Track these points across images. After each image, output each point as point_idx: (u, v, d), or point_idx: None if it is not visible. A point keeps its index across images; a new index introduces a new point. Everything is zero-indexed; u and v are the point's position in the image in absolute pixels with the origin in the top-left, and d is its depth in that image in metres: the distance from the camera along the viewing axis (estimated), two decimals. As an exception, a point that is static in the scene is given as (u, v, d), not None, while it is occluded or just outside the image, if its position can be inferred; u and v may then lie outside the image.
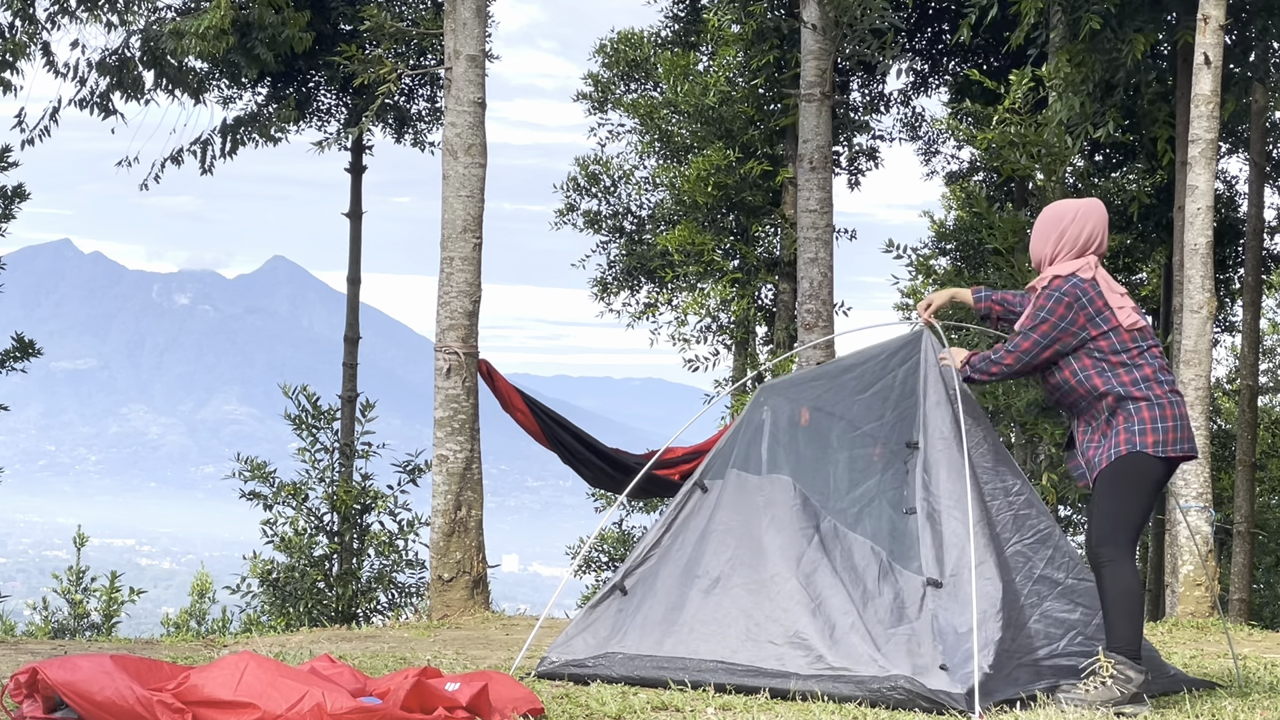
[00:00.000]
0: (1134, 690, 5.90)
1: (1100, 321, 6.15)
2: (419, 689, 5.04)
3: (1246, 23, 14.67)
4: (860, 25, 13.37)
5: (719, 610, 6.51)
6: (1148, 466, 6.09)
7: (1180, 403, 6.18)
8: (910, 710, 5.85)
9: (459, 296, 10.93)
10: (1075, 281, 6.19)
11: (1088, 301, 6.16)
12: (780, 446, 6.93)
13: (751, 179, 18.90)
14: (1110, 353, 6.15)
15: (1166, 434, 6.09)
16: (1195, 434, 11.25)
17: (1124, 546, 6.07)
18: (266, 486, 16.22)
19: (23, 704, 4.89)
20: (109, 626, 19.39)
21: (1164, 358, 6.28)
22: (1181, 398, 6.23)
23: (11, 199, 22.25)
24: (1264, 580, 24.50)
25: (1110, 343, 6.16)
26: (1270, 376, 29.15)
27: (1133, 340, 6.17)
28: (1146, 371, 6.15)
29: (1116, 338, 6.16)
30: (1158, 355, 6.22)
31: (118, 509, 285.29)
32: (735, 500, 6.85)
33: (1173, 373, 6.32)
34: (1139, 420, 6.10)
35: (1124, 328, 6.17)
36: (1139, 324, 6.21)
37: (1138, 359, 6.16)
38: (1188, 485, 11.37)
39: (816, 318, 13.41)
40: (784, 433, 6.95)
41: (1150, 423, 6.10)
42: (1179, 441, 6.11)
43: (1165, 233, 18.08)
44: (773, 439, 6.96)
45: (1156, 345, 6.25)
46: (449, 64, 11.07)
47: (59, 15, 17.33)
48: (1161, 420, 6.10)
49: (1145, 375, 6.15)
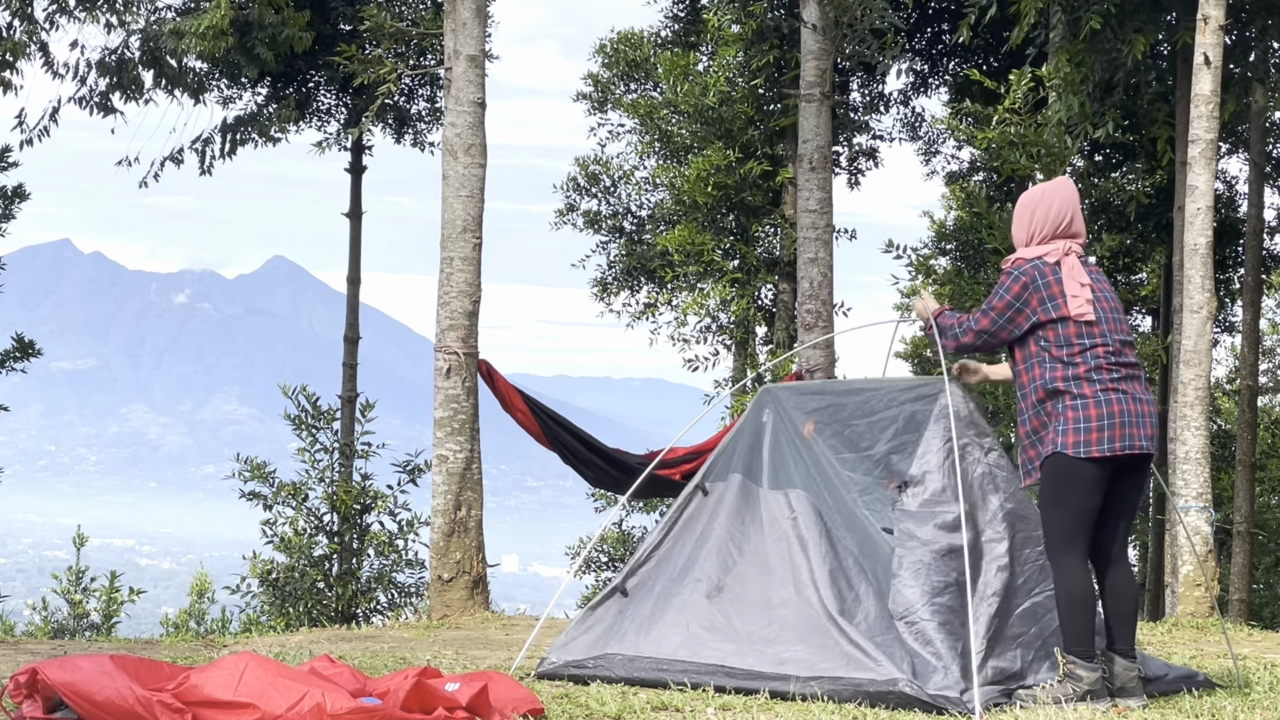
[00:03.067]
0: (1084, 689, 5.92)
1: (1051, 307, 6.09)
2: (419, 689, 5.04)
3: (1246, 23, 14.67)
4: (860, 25, 13.36)
5: (719, 614, 6.51)
6: (1071, 468, 6.02)
7: (1118, 399, 6.04)
8: (910, 710, 5.85)
9: (459, 296, 10.93)
10: (1036, 264, 6.17)
11: (1043, 285, 6.11)
12: (784, 455, 6.93)
13: (751, 179, 18.90)
14: (1054, 344, 6.10)
15: (1089, 434, 5.99)
16: (1195, 434, 11.33)
17: (1063, 549, 6.06)
18: (266, 486, 16.22)
19: (23, 704, 4.89)
20: (109, 627, 19.38)
21: (1116, 354, 6.13)
22: (1126, 394, 6.08)
23: (11, 199, 22.25)
24: (1264, 580, 24.50)
25: (1056, 333, 6.10)
26: (1270, 376, 29.16)
27: (1078, 334, 6.08)
28: (1080, 370, 6.06)
29: (1063, 329, 6.08)
30: (1100, 354, 6.08)
31: (118, 509, 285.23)
32: (738, 506, 6.85)
33: (1125, 369, 6.14)
34: (1063, 420, 6.05)
35: (1071, 317, 6.08)
36: (1086, 315, 6.09)
37: (1076, 356, 6.07)
38: (1188, 485, 11.37)
39: (816, 318, 13.41)
40: (788, 442, 6.96)
41: (1073, 423, 6.02)
42: (1109, 440, 5.99)
43: (1165, 233, 18.07)
44: (775, 446, 6.97)
45: (1103, 344, 6.11)
46: (449, 64, 11.07)
47: (58, 15, 17.33)
48: (1084, 420, 6.01)
49: (1077, 374, 6.05)
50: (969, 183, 20.36)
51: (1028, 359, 6.19)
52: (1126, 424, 6.03)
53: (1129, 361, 6.20)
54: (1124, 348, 6.21)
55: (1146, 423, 6.11)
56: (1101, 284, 6.27)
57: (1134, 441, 6.05)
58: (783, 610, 6.38)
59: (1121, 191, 18.97)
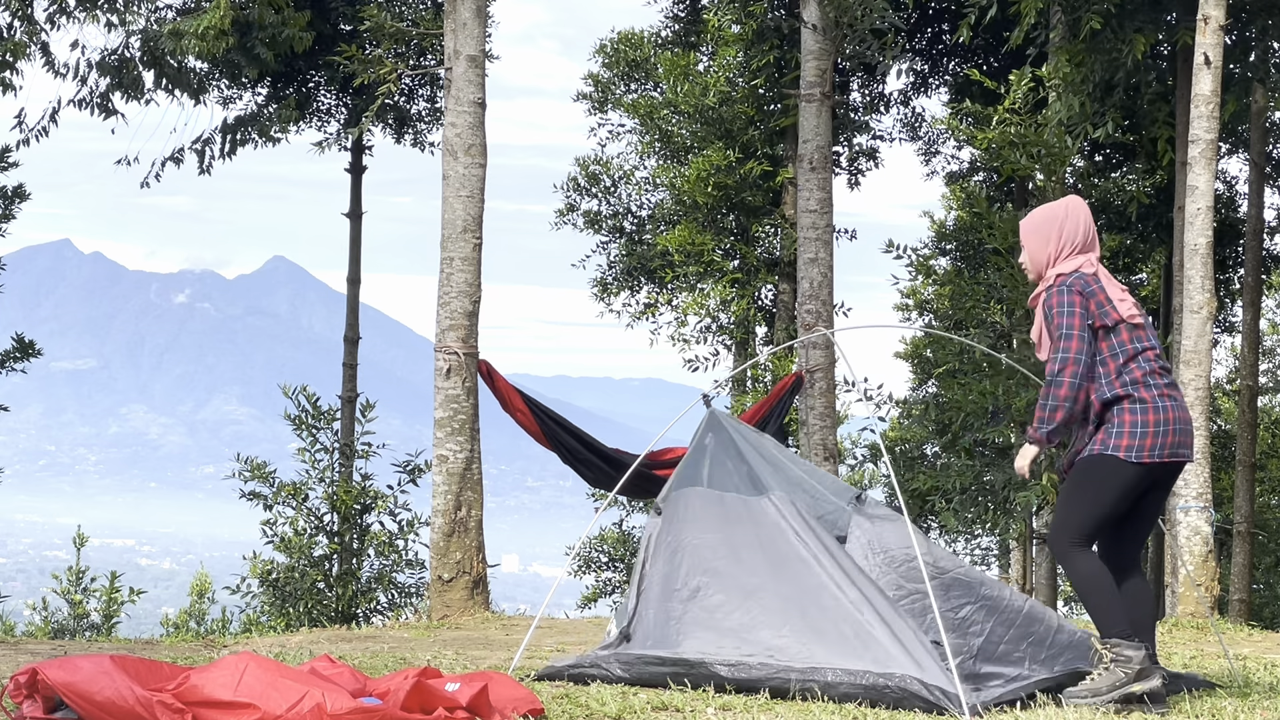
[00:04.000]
0: (1136, 667, 5.87)
1: (1103, 314, 6.04)
2: (419, 689, 5.04)
3: (1246, 23, 14.67)
4: (860, 25, 13.36)
5: (713, 616, 6.52)
6: (1118, 469, 5.97)
7: (1172, 406, 6.02)
8: (910, 710, 5.85)
9: (459, 297, 10.93)
10: (1079, 275, 6.12)
11: (1092, 292, 6.07)
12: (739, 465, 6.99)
13: (751, 179, 18.90)
14: (1109, 354, 6.05)
15: (1144, 439, 5.95)
16: (1196, 434, 11.31)
17: (1078, 543, 6.02)
18: (266, 486, 16.23)
19: (23, 704, 4.89)
20: (109, 627, 19.38)
21: (1162, 359, 6.18)
22: (1176, 401, 6.06)
23: (11, 199, 22.26)
24: (1264, 580, 24.50)
25: (1109, 342, 6.05)
26: (1270, 376, 29.15)
27: (1131, 339, 6.05)
28: (1136, 375, 6.02)
29: (1115, 336, 6.04)
30: (1152, 358, 6.07)
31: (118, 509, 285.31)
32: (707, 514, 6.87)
33: (1170, 375, 6.15)
34: (1119, 424, 5.99)
35: (1125, 321, 6.05)
36: (1137, 318, 6.09)
37: (1129, 363, 6.03)
38: (1188, 485, 11.37)
39: (816, 318, 13.41)
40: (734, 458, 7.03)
41: (1129, 426, 5.98)
42: (1160, 448, 5.96)
43: (1165, 233, 18.08)
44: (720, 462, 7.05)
45: (1153, 347, 6.12)
46: (449, 64, 11.07)
47: (58, 15, 17.33)
48: (1142, 425, 5.97)
49: (1135, 378, 6.01)
50: (969, 183, 20.38)
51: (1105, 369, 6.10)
52: (1179, 430, 6.03)
53: (1169, 368, 6.23)
54: (1164, 356, 6.28)
55: (1190, 430, 6.12)
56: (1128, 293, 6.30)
57: (1181, 449, 6.05)
58: (777, 608, 6.39)
59: (1121, 191, 18.98)
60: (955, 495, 16.70)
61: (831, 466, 13.37)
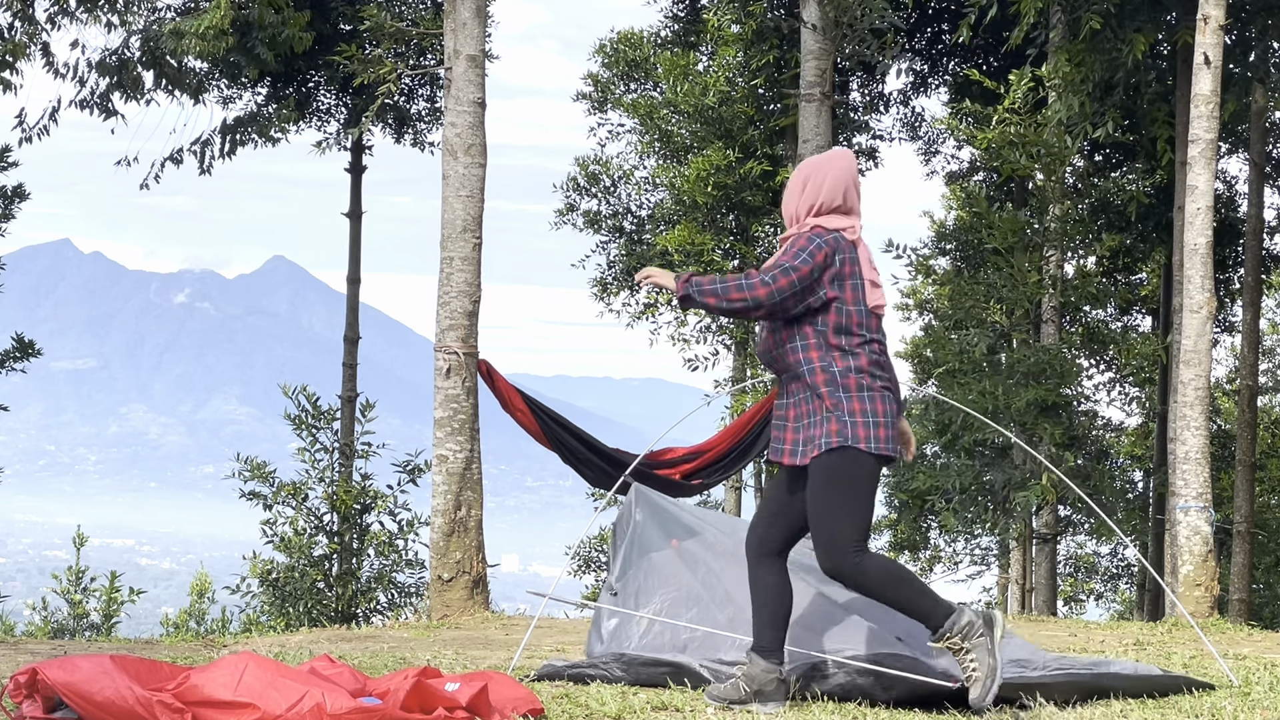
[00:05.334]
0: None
1: (842, 288, 5.65)
2: (419, 689, 5.04)
3: (1246, 23, 14.67)
4: (860, 25, 13.37)
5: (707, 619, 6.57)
6: (862, 464, 5.60)
7: (891, 399, 5.71)
8: (910, 710, 5.85)
9: (459, 296, 10.93)
10: (838, 236, 5.67)
11: (842, 261, 5.64)
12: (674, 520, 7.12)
13: (751, 179, 18.91)
14: (835, 331, 5.64)
15: (877, 429, 5.60)
16: (1195, 434, 11.32)
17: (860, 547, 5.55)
18: (266, 486, 16.24)
19: (22, 704, 4.89)
20: (109, 627, 19.39)
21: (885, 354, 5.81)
22: (893, 394, 5.74)
23: (11, 199, 22.27)
24: (1264, 580, 24.50)
25: (839, 319, 5.64)
26: (1270, 376, 29.15)
27: (861, 325, 5.66)
28: (863, 361, 5.65)
29: (847, 317, 5.64)
30: (878, 350, 5.72)
31: (118, 509, 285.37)
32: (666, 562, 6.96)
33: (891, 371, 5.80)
34: (848, 412, 5.61)
35: (868, 307, 5.67)
36: (881, 306, 5.72)
37: (858, 347, 5.66)
38: (1187, 485, 11.37)
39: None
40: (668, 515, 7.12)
41: (860, 415, 5.60)
42: (889, 440, 5.62)
43: (1165, 233, 18.08)
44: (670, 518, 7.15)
45: (881, 340, 5.76)
46: (449, 64, 11.07)
47: (59, 15, 17.33)
48: (873, 415, 5.62)
49: (860, 365, 5.65)
50: (969, 183, 20.37)
51: (801, 339, 5.68)
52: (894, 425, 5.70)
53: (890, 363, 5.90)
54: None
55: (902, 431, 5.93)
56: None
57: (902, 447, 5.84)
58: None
59: (1121, 191, 18.98)
60: (955, 495, 16.70)
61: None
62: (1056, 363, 15.96)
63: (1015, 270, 16.07)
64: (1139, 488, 24.44)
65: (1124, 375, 22.16)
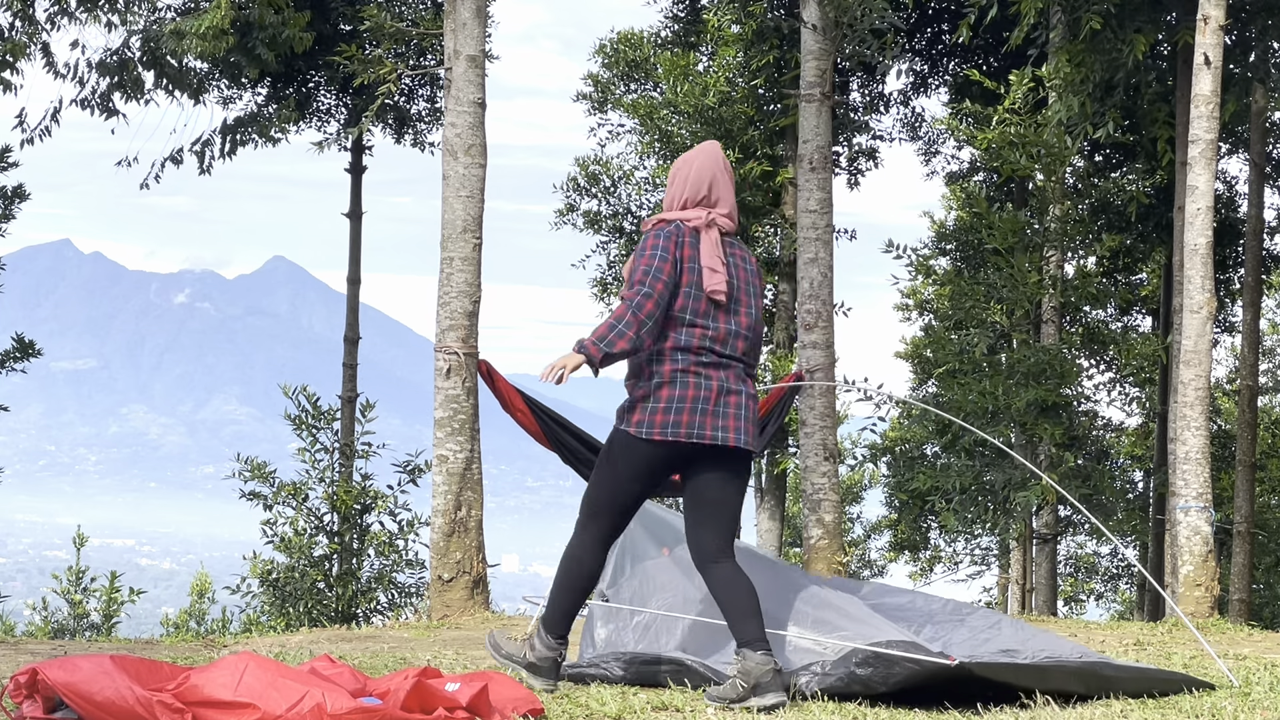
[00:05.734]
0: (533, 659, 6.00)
1: (684, 270, 5.74)
2: (419, 689, 5.04)
3: (1246, 23, 14.67)
4: (860, 25, 13.36)
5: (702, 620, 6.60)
6: (630, 445, 5.77)
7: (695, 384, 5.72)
8: (910, 710, 5.85)
9: (459, 297, 10.93)
10: (679, 225, 5.80)
11: (680, 245, 5.76)
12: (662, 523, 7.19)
13: (751, 179, 18.91)
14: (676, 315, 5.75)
15: (654, 414, 5.69)
16: (1195, 434, 11.31)
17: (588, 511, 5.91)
18: (266, 486, 16.24)
19: (23, 704, 4.89)
20: (109, 627, 19.39)
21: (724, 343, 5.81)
22: (708, 380, 5.74)
23: (11, 199, 22.27)
24: (1264, 580, 24.50)
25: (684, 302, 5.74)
26: (1270, 376, 29.16)
27: (691, 309, 5.72)
28: (668, 344, 5.73)
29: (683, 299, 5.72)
30: (698, 335, 5.74)
31: (118, 509, 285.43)
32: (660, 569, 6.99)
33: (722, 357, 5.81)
34: (633, 396, 5.78)
35: (706, 291, 5.73)
36: (719, 292, 5.75)
37: (679, 329, 5.74)
38: (1187, 485, 11.37)
39: (816, 318, 13.41)
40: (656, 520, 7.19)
41: (641, 400, 5.74)
42: (669, 426, 5.67)
43: (1165, 233, 18.08)
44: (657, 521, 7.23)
45: (710, 327, 5.76)
46: (449, 64, 11.07)
47: (59, 15, 17.34)
48: (655, 400, 5.71)
49: (666, 348, 5.74)
50: (969, 183, 20.38)
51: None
52: (699, 411, 5.71)
53: (731, 355, 5.86)
54: (735, 340, 5.87)
55: (730, 415, 5.79)
56: (743, 270, 5.96)
57: (704, 430, 5.74)
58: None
59: (1121, 191, 18.98)
60: (955, 495, 16.70)
61: (831, 466, 13.37)
62: (1056, 363, 15.96)
63: (1015, 270, 16.07)
64: (1139, 488, 24.44)
65: (1124, 375, 22.17)
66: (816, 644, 6.14)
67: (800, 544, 17.85)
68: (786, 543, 25.54)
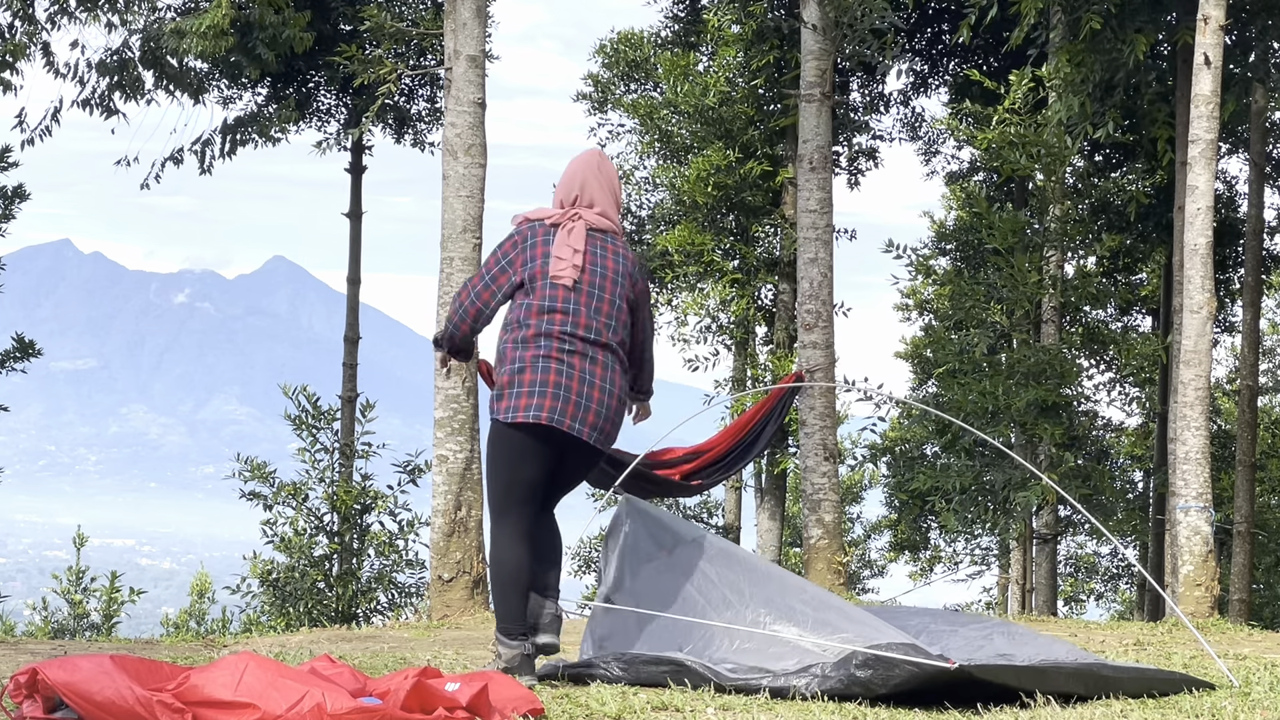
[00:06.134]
0: (505, 665, 6.04)
1: (529, 263, 5.93)
2: (419, 689, 5.04)
3: (1246, 23, 14.67)
4: (860, 25, 13.36)
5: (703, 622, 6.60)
6: (500, 433, 5.92)
7: (559, 370, 5.85)
8: (910, 709, 5.85)
9: (459, 296, 10.94)
10: (534, 225, 6.03)
11: (531, 244, 5.96)
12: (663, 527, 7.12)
13: (751, 179, 18.91)
14: (521, 307, 5.93)
15: (517, 399, 5.83)
16: (1195, 434, 11.31)
17: (495, 511, 6.03)
18: (266, 486, 16.24)
19: (23, 704, 4.89)
20: (109, 627, 19.38)
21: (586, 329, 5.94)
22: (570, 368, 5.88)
23: (11, 199, 22.27)
24: (1264, 580, 24.50)
25: (527, 296, 5.92)
26: (1270, 376, 29.16)
27: (543, 295, 5.88)
28: (529, 333, 5.88)
29: (534, 293, 5.91)
30: (558, 321, 5.88)
31: (118, 509, 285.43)
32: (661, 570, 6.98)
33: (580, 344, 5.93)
34: (499, 384, 5.91)
35: (551, 278, 5.88)
36: (562, 278, 5.89)
37: (533, 317, 5.89)
38: (1187, 485, 11.37)
39: (816, 318, 13.41)
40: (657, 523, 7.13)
41: (506, 386, 5.88)
42: (531, 409, 5.80)
43: (1165, 233, 18.08)
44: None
45: (570, 312, 5.90)
46: (449, 64, 11.07)
47: (59, 15, 17.34)
48: (517, 385, 5.85)
49: (526, 336, 5.88)
50: (969, 183, 20.38)
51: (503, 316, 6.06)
52: (560, 398, 5.85)
53: (596, 340, 5.96)
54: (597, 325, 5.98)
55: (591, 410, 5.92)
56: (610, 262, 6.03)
57: (563, 419, 5.86)
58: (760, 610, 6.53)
59: (1121, 191, 18.98)
60: (955, 495, 16.71)
61: (831, 466, 13.37)
62: (1056, 363, 15.96)
63: (1015, 270, 16.07)
64: (1139, 488, 24.45)
65: (1124, 375, 22.16)
66: (817, 646, 6.14)
67: (800, 544, 17.85)
68: (786, 543, 25.53)
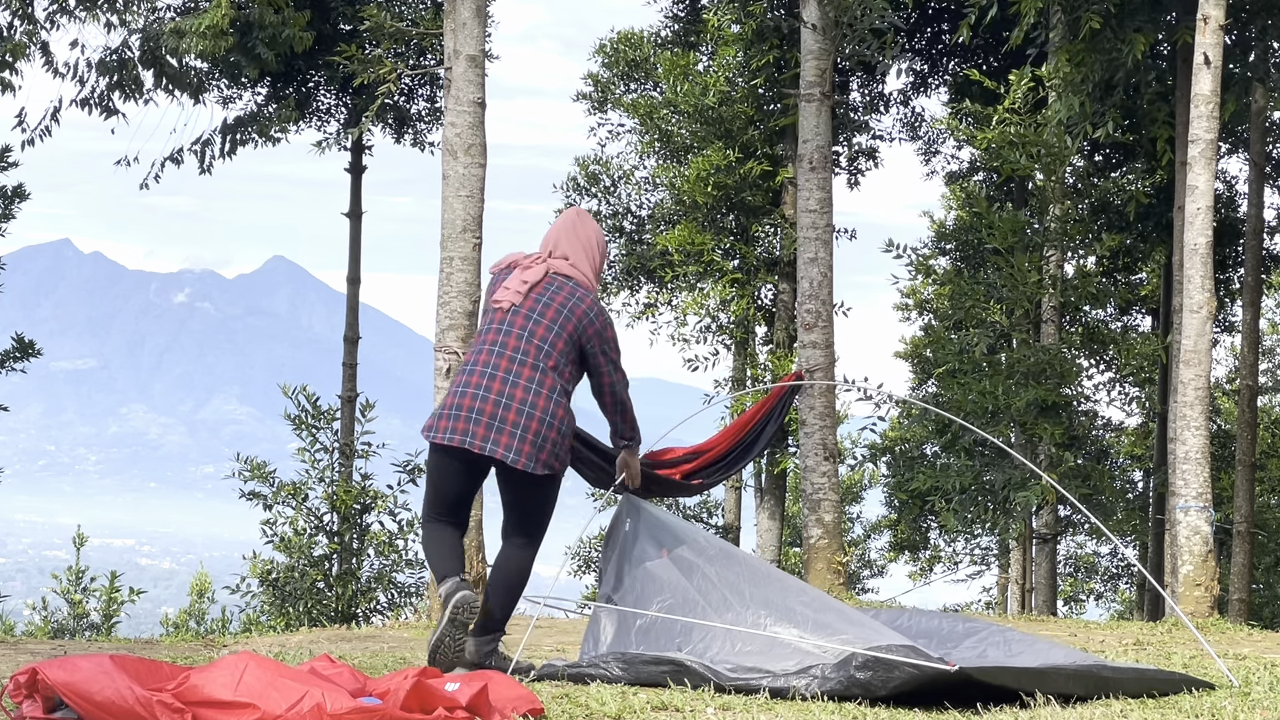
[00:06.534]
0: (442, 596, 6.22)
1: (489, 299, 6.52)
2: (419, 689, 5.04)
3: (1246, 23, 14.67)
4: (860, 25, 13.36)
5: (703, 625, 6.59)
6: (429, 450, 6.38)
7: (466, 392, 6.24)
8: (910, 710, 5.85)
9: (459, 296, 10.93)
10: (506, 269, 6.61)
11: (494, 283, 6.57)
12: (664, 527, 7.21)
13: (751, 179, 18.91)
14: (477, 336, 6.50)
15: (438, 419, 6.25)
16: (1195, 434, 11.30)
17: (425, 513, 6.45)
18: (266, 486, 16.24)
19: (22, 704, 4.89)
20: (109, 626, 19.38)
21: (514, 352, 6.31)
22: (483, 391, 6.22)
23: (11, 199, 22.27)
24: (1264, 580, 24.50)
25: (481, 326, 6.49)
26: (1270, 376, 29.15)
27: (484, 323, 6.46)
28: (466, 357, 6.42)
29: (482, 318, 6.53)
30: (489, 342, 6.33)
31: (118, 509, 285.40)
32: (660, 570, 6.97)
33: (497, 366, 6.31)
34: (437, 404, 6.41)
35: (492, 303, 6.44)
36: (499, 304, 6.40)
37: (474, 343, 6.44)
38: (1187, 485, 11.37)
39: (816, 318, 13.41)
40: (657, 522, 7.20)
41: (439, 407, 6.35)
42: (446, 431, 6.20)
43: (1165, 233, 18.08)
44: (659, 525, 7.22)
45: (498, 334, 6.34)
46: (449, 64, 11.07)
47: (58, 15, 17.34)
48: (441, 407, 6.30)
49: (465, 360, 6.41)
50: (969, 183, 20.38)
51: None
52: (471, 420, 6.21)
53: (523, 363, 6.31)
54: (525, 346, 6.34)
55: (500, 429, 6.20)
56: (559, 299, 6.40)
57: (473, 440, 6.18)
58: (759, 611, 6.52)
59: (1121, 191, 18.99)
60: (955, 495, 16.71)
61: (831, 466, 13.37)
62: (1056, 363, 15.96)
63: (1015, 270, 16.07)
64: (1139, 488, 24.45)
65: (1124, 375, 22.17)
66: (817, 647, 6.14)
67: (800, 544, 17.85)
68: (786, 543, 25.54)
